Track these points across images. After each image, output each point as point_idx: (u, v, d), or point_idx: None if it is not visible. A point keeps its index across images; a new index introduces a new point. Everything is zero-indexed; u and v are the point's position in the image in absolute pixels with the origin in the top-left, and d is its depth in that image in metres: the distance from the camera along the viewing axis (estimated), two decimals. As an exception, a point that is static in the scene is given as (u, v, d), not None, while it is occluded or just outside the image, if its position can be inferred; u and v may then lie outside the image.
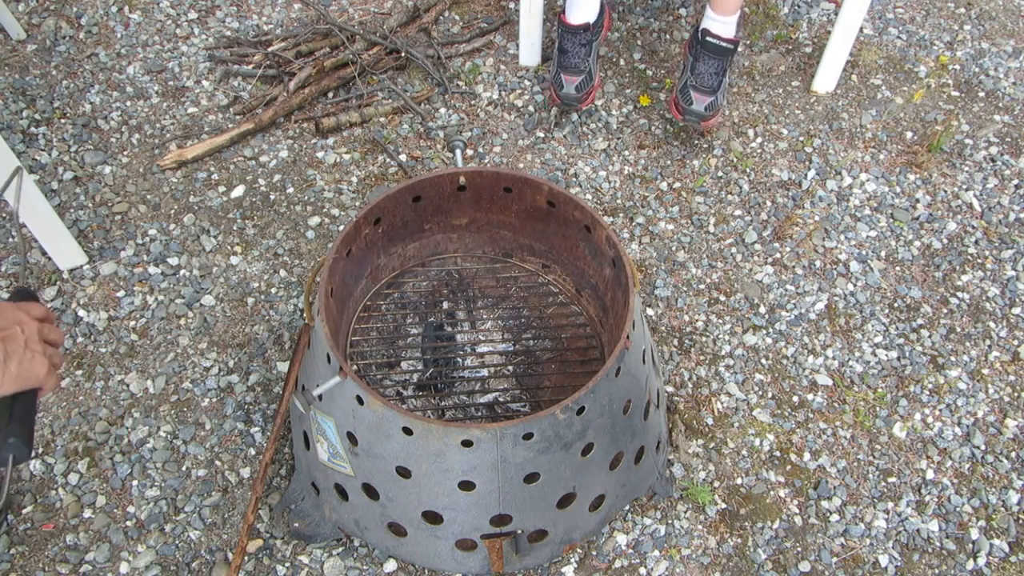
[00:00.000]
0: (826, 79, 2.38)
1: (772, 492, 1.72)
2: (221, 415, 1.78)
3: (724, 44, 2.08)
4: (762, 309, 1.98)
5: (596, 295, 1.77)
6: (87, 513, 1.65)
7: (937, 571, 1.64)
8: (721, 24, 2.12)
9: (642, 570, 1.61)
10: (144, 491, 1.68)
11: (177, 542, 1.62)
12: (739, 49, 2.48)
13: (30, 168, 2.14)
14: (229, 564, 1.58)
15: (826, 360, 1.90)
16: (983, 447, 1.79)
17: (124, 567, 1.59)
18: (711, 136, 2.29)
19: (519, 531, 1.49)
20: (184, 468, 1.71)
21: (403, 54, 2.39)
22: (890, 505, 1.71)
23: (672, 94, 2.21)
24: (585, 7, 2.16)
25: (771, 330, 1.94)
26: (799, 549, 1.65)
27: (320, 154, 2.23)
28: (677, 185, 2.19)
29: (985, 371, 1.90)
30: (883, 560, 1.64)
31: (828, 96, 2.40)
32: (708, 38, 2.08)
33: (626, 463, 1.55)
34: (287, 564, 1.59)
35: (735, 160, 2.25)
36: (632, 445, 1.55)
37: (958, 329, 1.97)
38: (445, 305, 1.87)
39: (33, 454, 1.71)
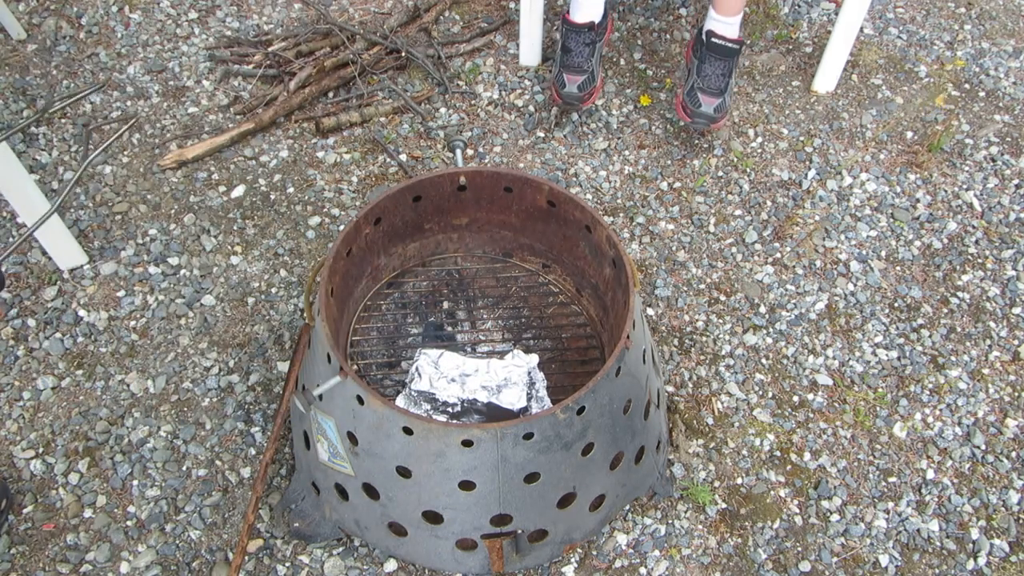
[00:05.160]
0: (826, 79, 2.38)
1: (772, 492, 1.72)
2: (221, 415, 1.78)
3: (730, 45, 2.07)
4: (762, 309, 1.98)
5: (596, 295, 1.77)
6: (87, 513, 1.65)
7: (937, 571, 1.64)
8: (725, 25, 2.11)
9: (642, 570, 1.61)
10: (144, 491, 1.68)
11: (177, 542, 1.62)
12: (743, 50, 2.48)
13: (30, 168, 2.14)
14: (229, 564, 1.58)
15: (826, 360, 1.90)
16: (983, 447, 1.79)
17: (124, 567, 1.59)
18: (711, 136, 2.29)
19: (519, 531, 1.49)
20: (184, 468, 1.71)
21: (403, 54, 2.39)
22: (890, 505, 1.71)
23: (677, 98, 2.20)
24: (590, 6, 2.16)
25: (771, 330, 1.94)
26: (799, 549, 1.65)
27: (320, 154, 2.23)
28: (677, 185, 2.19)
29: (985, 371, 1.90)
30: (883, 560, 1.64)
31: (828, 96, 2.40)
32: (713, 39, 2.07)
33: (626, 463, 1.55)
34: (287, 564, 1.59)
35: (735, 160, 2.25)
36: (632, 445, 1.55)
37: (958, 329, 1.97)
38: (445, 305, 1.87)
39: (34, 453, 1.71)
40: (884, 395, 1.86)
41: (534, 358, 1.64)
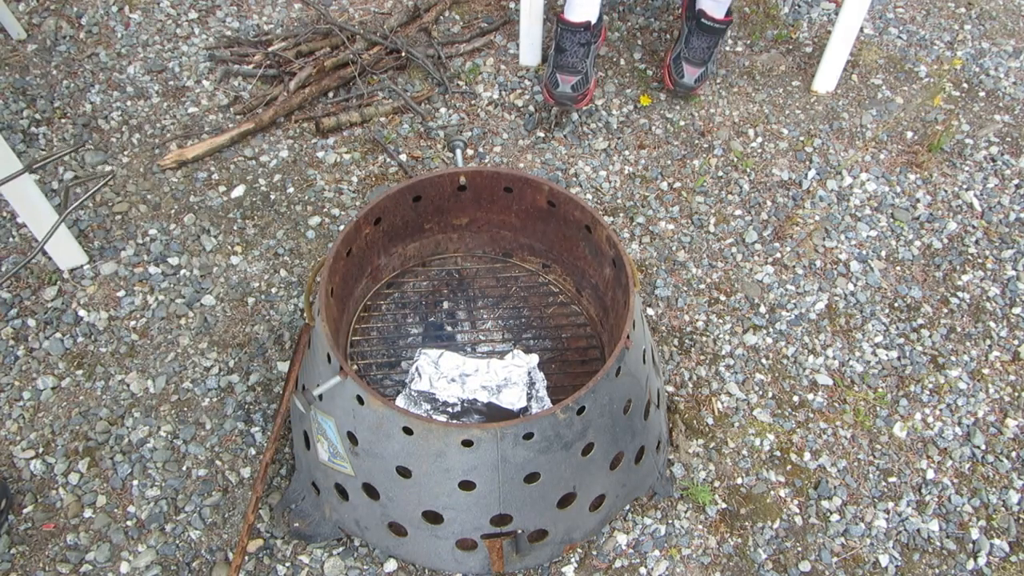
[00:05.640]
0: (826, 79, 2.38)
1: (772, 492, 1.72)
2: (221, 415, 1.78)
3: (718, 25, 2.21)
4: (762, 309, 1.98)
5: (596, 295, 1.77)
6: (87, 513, 1.65)
7: (937, 571, 1.64)
8: (715, 4, 2.22)
9: (642, 570, 1.61)
10: (144, 491, 1.68)
11: (177, 542, 1.62)
12: (731, 29, 2.51)
13: (30, 168, 2.13)
14: (229, 564, 1.58)
15: (826, 360, 1.90)
16: (983, 447, 1.79)
17: (124, 567, 1.59)
18: (711, 136, 2.29)
19: (519, 531, 1.49)
20: (184, 468, 1.71)
21: (403, 54, 2.39)
22: (890, 505, 1.71)
23: (666, 61, 2.33)
24: (586, 5, 2.16)
25: (771, 330, 1.94)
26: (799, 549, 1.65)
27: (320, 154, 2.23)
28: (677, 185, 2.19)
29: (985, 371, 1.90)
30: (883, 560, 1.64)
31: (828, 96, 2.40)
32: (703, 19, 2.21)
33: (626, 463, 1.55)
34: (287, 564, 1.59)
35: (735, 160, 2.25)
36: (632, 445, 1.55)
37: (958, 329, 1.97)
38: (445, 305, 1.87)
39: (34, 453, 1.71)
40: (884, 395, 1.86)
41: (534, 358, 1.64)
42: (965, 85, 2.44)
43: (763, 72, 2.45)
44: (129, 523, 1.64)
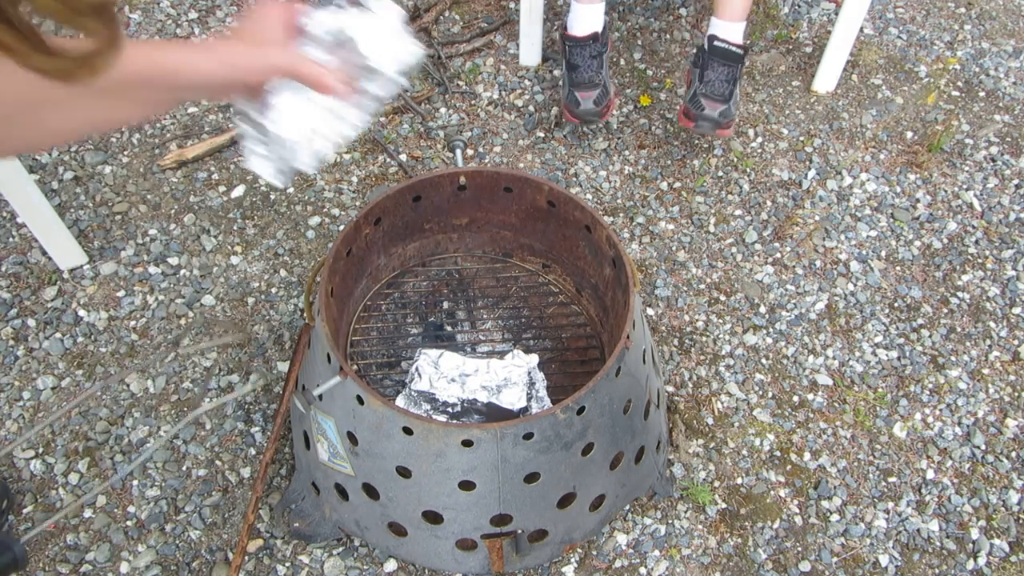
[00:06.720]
0: (826, 79, 2.38)
1: (772, 492, 1.72)
2: (221, 415, 1.78)
3: (733, 49, 2.00)
4: (762, 309, 1.98)
5: (596, 295, 1.77)
6: (87, 513, 1.65)
7: (937, 571, 1.64)
8: (729, 28, 2.03)
9: (642, 570, 1.61)
10: (144, 491, 1.68)
11: (177, 542, 1.62)
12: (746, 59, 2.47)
13: (30, 168, 2.14)
14: (229, 564, 1.58)
15: (826, 360, 1.90)
16: (983, 447, 1.79)
17: (124, 567, 1.59)
18: (711, 136, 2.29)
19: (519, 531, 1.49)
20: (184, 468, 1.71)
21: (403, 54, 2.39)
22: (890, 505, 1.71)
23: (681, 106, 2.09)
24: (590, 17, 2.10)
25: (771, 330, 1.94)
26: (799, 549, 1.65)
27: (320, 154, 2.22)
28: (677, 185, 2.19)
29: (985, 371, 1.90)
30: (883, 560, 1.64)
31: (828, 96, 2.40)
32: (716, 43, 2.00)
33: (626, 463, 1.55)
34: (287, 564, 1.59)
35: (735, 160, 2.25)
36: (632, 445, 1.55)
37: (958, 329, 1.97)
38: (445, 305, 1.87)
39: (34, 453, 1.71)
40: (884, 395, 1.86)
41: (534, 358, 1.64)
42: (961, 83, 2.44)
43: (763, 72, 2.45)
44: (129, 523, 1.64)
